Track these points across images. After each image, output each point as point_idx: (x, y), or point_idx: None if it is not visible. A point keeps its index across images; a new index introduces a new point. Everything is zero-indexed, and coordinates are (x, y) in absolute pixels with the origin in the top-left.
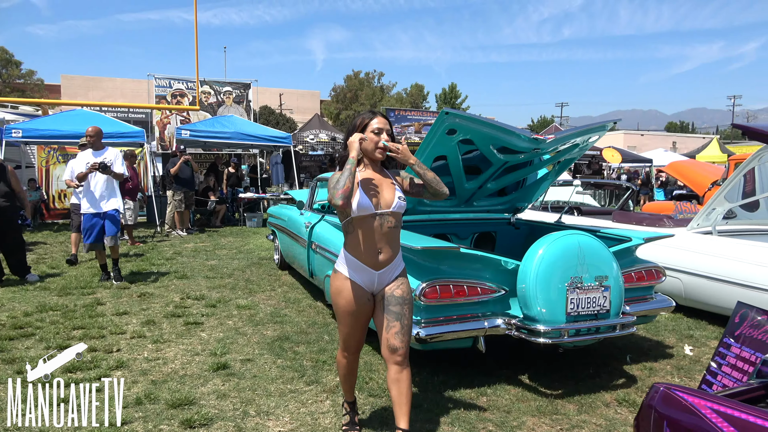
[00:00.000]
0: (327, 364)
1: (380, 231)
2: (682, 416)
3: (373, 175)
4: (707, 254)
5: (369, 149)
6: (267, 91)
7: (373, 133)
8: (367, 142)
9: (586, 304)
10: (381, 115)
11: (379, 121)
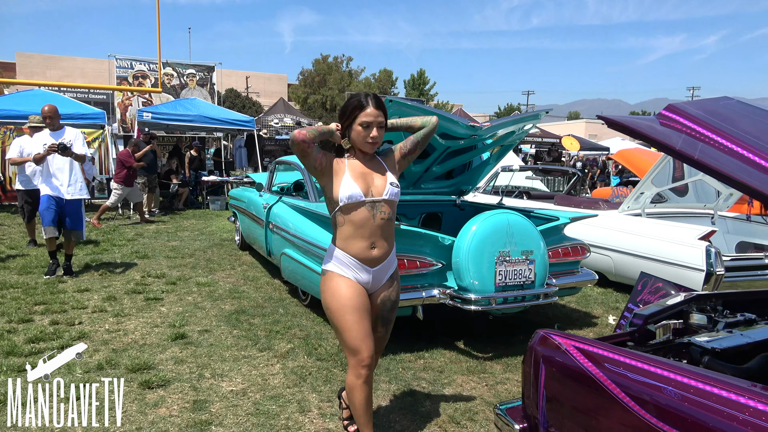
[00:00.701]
0: (280, 333)
1: (373, 223)
2: (553, 353)
3: (361, 160)
4: (634, 234)
5: (357, 141)
6: (233, 74)
7: (361, 127)
8: (354, 133)
9: (513, 276)
10: (374, 104)
11: (370, 114)
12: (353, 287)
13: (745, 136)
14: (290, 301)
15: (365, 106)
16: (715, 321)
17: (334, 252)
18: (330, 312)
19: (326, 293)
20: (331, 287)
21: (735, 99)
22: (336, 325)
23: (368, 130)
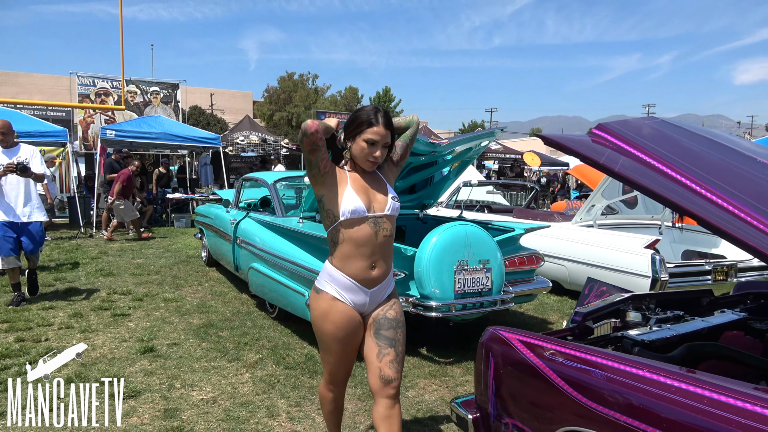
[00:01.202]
0: (248, 345)
1: (375, 240)
2: (500, 347)
3: (361, 173)
4: (585, 244)
5: (358, 157)
6: (197, 91)
7: (366, 144)
8: (357, 148)
9: (471, 284)
10: (383, 123)
11: (378, 132)
12: (346, 315)
13: (662, 152)
14: (258, 314)
15: (374, 123)
16: (648, 318)
17: (330, 271)
18: (317, 331)
19: (317, 312)
20: (323, 309)
21: (660, 119)
22: (322, 346)
23: (372, 149)
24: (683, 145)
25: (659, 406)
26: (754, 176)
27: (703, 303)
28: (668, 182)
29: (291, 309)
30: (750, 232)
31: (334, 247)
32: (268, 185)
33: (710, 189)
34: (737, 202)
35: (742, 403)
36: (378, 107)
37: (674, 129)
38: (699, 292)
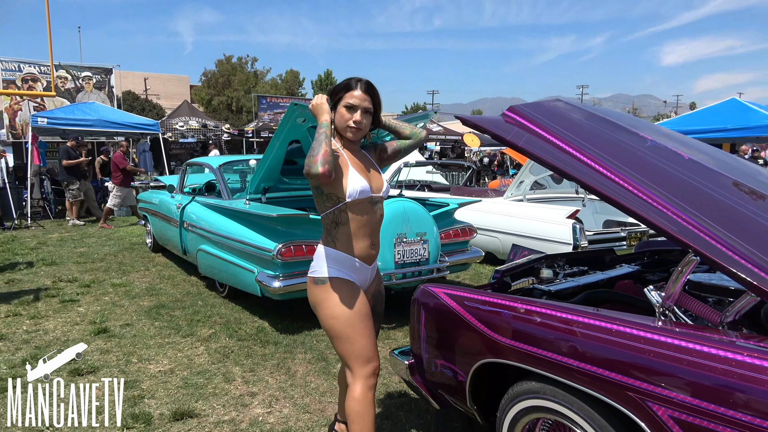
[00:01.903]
0: (201, 321)
1: (375, 220)
2: (429, 300)
3: (356, 152)
4: (515, 216)
5: (339, 125)
6: (130, 75)
7: (345, 109)
8: (338, 116)
9: (409, 255)
10: (362, 88)
11: (357, 96)
12: (359, 292)
13: (558, 129)
14: (208, 294)
15: (353, 87)
16: (558, 274)
17: (333, 255)
18: (338, 321)
19: (331, 302)
20: (339, 295)
21: (564, 101)
22: (344, 335)
23: (352, 113)
24: (578, 123)
25: (557, 335)
26: (635, 149)
27: (606, 260)
28: (561, 154)
29: (241, 286)
30: (624, 194)
31: (336, 229)
32: (214, 169)
33: (595, 159)
34: (617, 170)
35: (611, 325)
36: (359, 78)
37: (574, 110)
38: (602, 251)
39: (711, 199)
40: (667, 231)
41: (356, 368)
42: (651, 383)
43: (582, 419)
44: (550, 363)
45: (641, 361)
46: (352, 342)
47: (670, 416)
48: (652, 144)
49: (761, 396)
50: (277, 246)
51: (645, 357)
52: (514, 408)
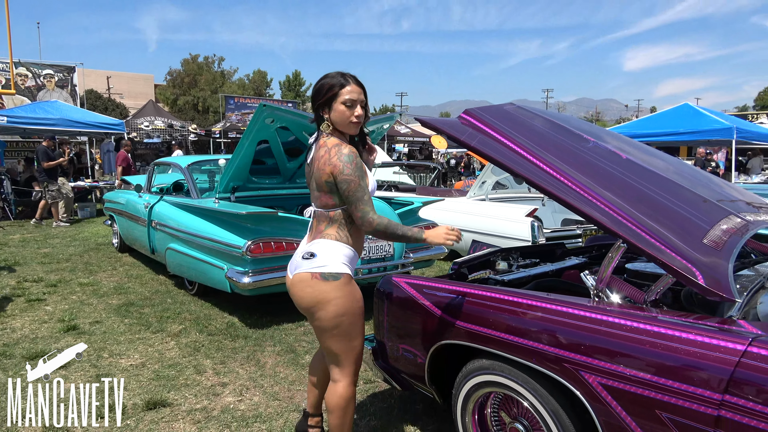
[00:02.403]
0: (170, 318)
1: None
2: (390, 288)
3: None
4: (477, 215)
5: (340, 122)
6: (93, 74)
7: (345, 106)
8: (336, 114)
9: (375, 251)
10: (353, 82)
11: (352, 90)
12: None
13: (508, 130)
14: (177, 292)
15: (346, 84)
16: (512, 265)
17: (345, 251)
18: (346, 319)
19: (343, 299)
20: (351, 291)
21: (516, 105)
22: (348, 333)
23: (352, 109)
24: (526, 125)
25: (503, 316)
26: (577, 149)
27: (557, 253)
28: (510, 153)
29: (211, 283)
30: (565, 190)
31: (351, 225)
32: (182, 169)
33: (540, 158)
34: (559, 168)
35: (549, 305)
36: (342, 72)
37: (523, 112)
38: (554, 245)
39: (641, 194)
40: (600, 222)
41: (349, 365)
42: (583, 355)
43: (526, 391)
44: (498, 341)
45: (575, 336)
46: (352, 340)
47: (599, 383)
48: (594, 145)
49: (677, 362)
50: (247, 243)
51: (578, 332)
52: (467, 384)
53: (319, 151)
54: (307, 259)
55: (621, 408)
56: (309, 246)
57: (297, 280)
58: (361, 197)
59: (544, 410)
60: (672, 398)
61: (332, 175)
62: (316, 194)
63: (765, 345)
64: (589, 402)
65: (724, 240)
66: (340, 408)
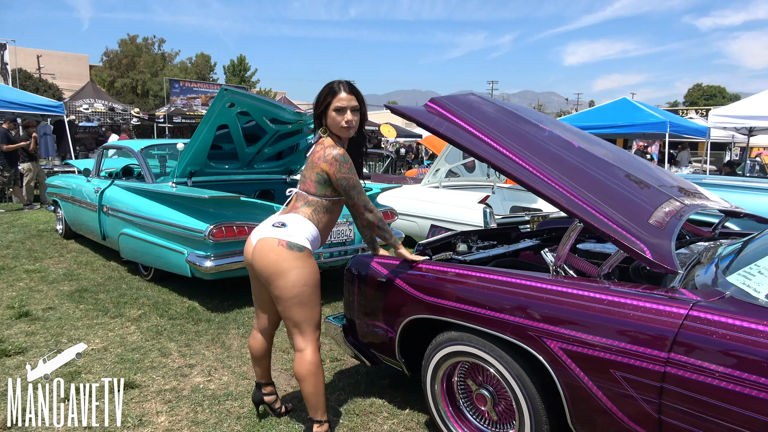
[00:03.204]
0: (128, 303)
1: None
2: (361, 267)
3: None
4: (431, 202)
5: (333, 127)
6: (21, 52)
7: (335, 113)
8: (329, 119)
9: (337, 236)
10: (346, 89)
11: (343, 99)
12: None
13: (472, 119)
14: (132, 278)
15: (337, 91)
16: (472, 247)
17: (313, 233)
18: (308, 288)
19: (305, 269)
20: (311, 264)
21: (477, 95)
22: (309, 302)
23: (342, 115)
24: (489, 114)
25: (472, 291)
26: (535, 137)
27: (512, 236)
28: (475, 140)
29: (170, 268)
30: (526, 174)
31: (324, 214)
32: (136, 153)
33: (503, 145)
34: (520, 155)
35: (515, 279)
36: (340, 80)
37: (485, 102)
38: (508, 228)
39: (593, 179)
40: (560, 204)
41: (311, 332)
42: (545, 323)
43: (493, 358)
44: (466, 314)
45: (538, 306)
46: (312, 308)
47: (560, 348)
48: (549, 134)
49: (629, 327)
50: (209, 227)
51: (541, 303)
52: (437, 355)
53: (317, 146)
54: (276, 227)
55: (579, 370)
56: (281, 217)
57: (262, 245)
58: (361, 190)
59: (509, 375)
60: (625, 358)
61: (327, 173)
62: (303, 179)
63: (703, 309)
64: (551, 366)
65: (666, 221)
66: (312, 374)
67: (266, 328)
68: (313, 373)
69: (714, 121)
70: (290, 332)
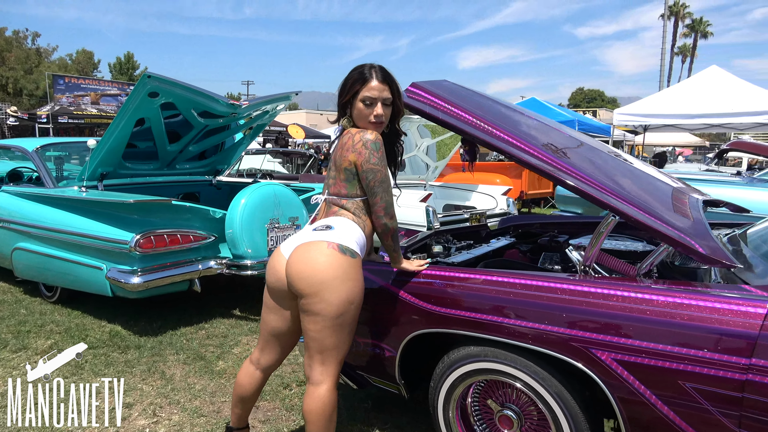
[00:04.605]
0: (32, 332)
1: None
2: None
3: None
4: None
5: (359, 121)
6: None
7: (363, 104)
8: (356, 111)
9: (282, 240)
10: (379, 77)
11: (374, 88)
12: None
13: (456, 101)
14: (31, 300)
15: (368, 79)
16: (448, 248)
17: (360, 235)
18: (353, 308)
19: (358, 283)
20: (362, 278)
21: (450, 81)
22: (349, 326)
23: (371, 108)
24: (466, 97)
25: (500, 299)
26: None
27: (482, 235)
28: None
29: (83, 287)
30: (509, 146)
31: (365, 214)
32: (30, 153)
33: (485, 121)
34: (504, 129)
35: (552, 284)
36: (372, 64)
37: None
38: (479, 227)
39: (611, 172)
40: (596, 198)
41: (335, 365)
42: (593, 332)
43: (527, 375)
44: (490, 326)
45: (583, 313)
46: (348, 335)
47: (613, 359)
48: (536, 122)
49: (698, 331)
50: (135, 237)
51: (586, 309)
52: (452, 375)
53: (344, 137)
54: (321, 230)
55: (639, 383)
56: (324, 221)
57: (306, 250)
58: (387, 188)
59: (546, 393)
60: (696, 367)
61: (355, 163)
62: (331, 181)
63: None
64: (603, 380)
65: (692, 214)
66: (325, 416)
67: (271, 364)
68: (326, 415)
69: (619, 120)
70: (310, 360)
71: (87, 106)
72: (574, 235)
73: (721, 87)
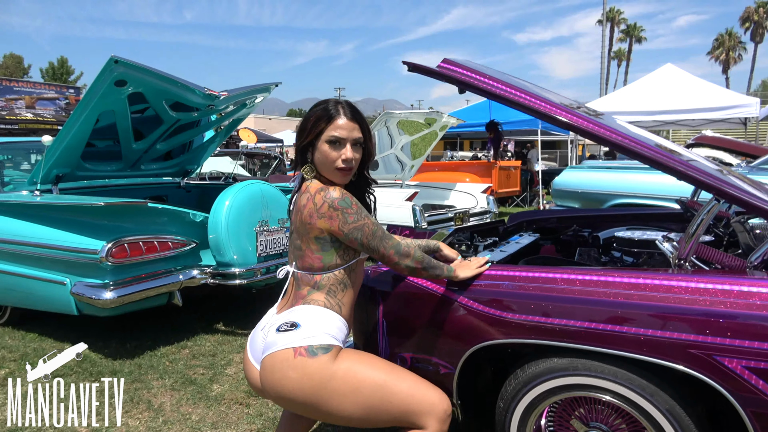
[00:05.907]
0: None
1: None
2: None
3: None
4: None
5: (323, 166)
6: None
7: (328, 145)
8: (319, 154)
9: (272, 245)
10: (346, 113)
11: (342, 126)
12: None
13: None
14: None
15: (335, 115)
16: (475, 246)
17: (333, 322)
18: (365, 389)
19: (349, 370)
20: (350, 358)
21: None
22: (381, 397)
23: (338, 150)
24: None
25: (596, 301)
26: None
27: (500, 231)
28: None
29: (42, 306)
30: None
31: (343, 291)
32: None
33: (519, 93)
34: (537, 98)
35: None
36: (338, 99)
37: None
38: (496, 223)
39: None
40: (699, 180)
41: (427, 418)
42: (716, 335)
43: (631, 391)
44: (585, 334)
45: (703, 314)
46: (399, 389)
47: (744, 367)
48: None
49: None
50: (106, 245)
51: (706, 309)
52: (530, 392)
53: (301, 198)
54: (284, 332)
55: None
56: (287, 314)
57: (272, 366)
58: (383, 235)
59: (655, 410)
60: None
61: (329, 230)
62: (299, 252)
63: None
64: (732, 392)
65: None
66: None
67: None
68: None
69: None
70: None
71: (21, 110)
72: (596, 229)
73: (676, 84)
